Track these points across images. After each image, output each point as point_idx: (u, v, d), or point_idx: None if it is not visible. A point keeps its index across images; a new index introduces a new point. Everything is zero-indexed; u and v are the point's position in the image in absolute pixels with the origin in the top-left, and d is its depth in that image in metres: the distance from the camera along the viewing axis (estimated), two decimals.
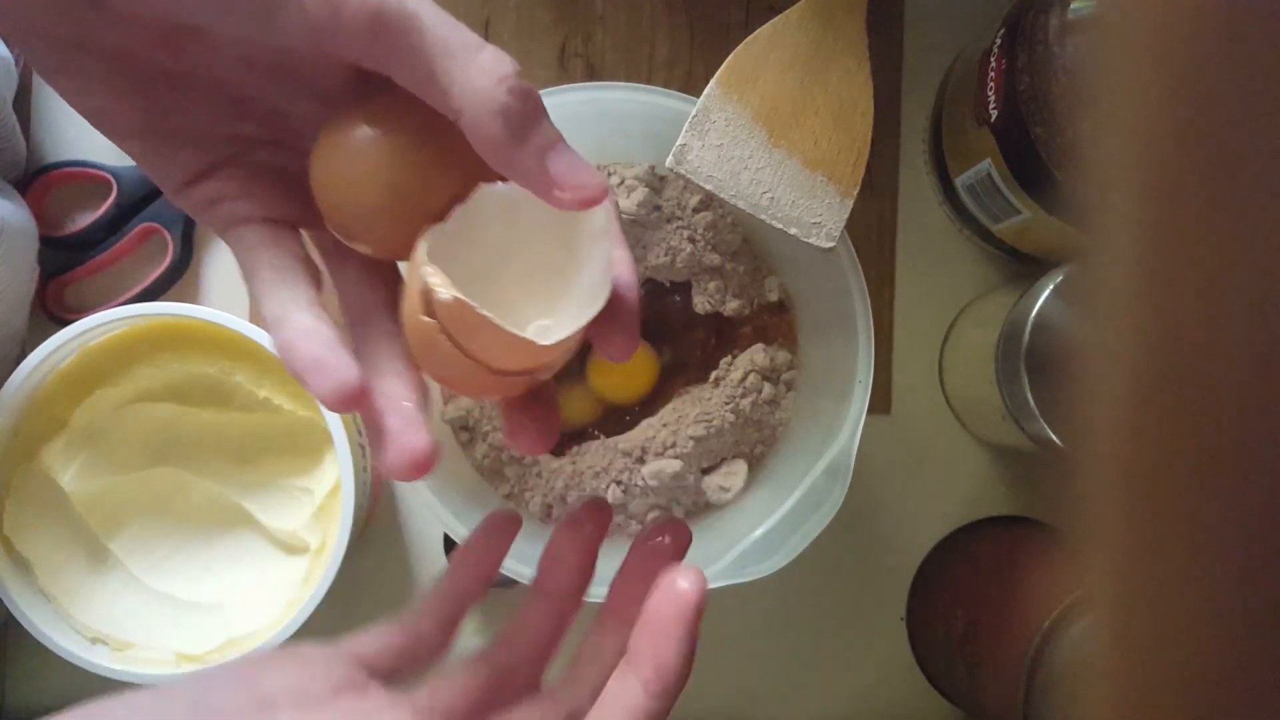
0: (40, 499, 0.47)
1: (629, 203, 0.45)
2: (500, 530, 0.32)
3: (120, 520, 0.48)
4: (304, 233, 0.29)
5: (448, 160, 0.26)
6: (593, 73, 0.53)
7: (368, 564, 0.53)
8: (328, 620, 0.45)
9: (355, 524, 0.45)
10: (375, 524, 0.53)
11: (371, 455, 0.48)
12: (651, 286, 0.47)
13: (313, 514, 0.48)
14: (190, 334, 0.47)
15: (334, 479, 0.47)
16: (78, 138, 0.53)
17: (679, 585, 0.27)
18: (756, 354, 0.47)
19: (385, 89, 0.26)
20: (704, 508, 0.47)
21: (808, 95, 0.43)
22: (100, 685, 0.41)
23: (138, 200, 0.52)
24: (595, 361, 0.48)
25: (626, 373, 0.48)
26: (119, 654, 0.46)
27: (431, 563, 0.53)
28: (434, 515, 0.41)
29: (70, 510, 0.47)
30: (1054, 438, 0.42)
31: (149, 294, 0.52)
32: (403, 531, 0.54)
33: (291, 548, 0.49)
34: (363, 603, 0.52)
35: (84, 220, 0.52)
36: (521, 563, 0.41)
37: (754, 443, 0.47)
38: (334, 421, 0.45)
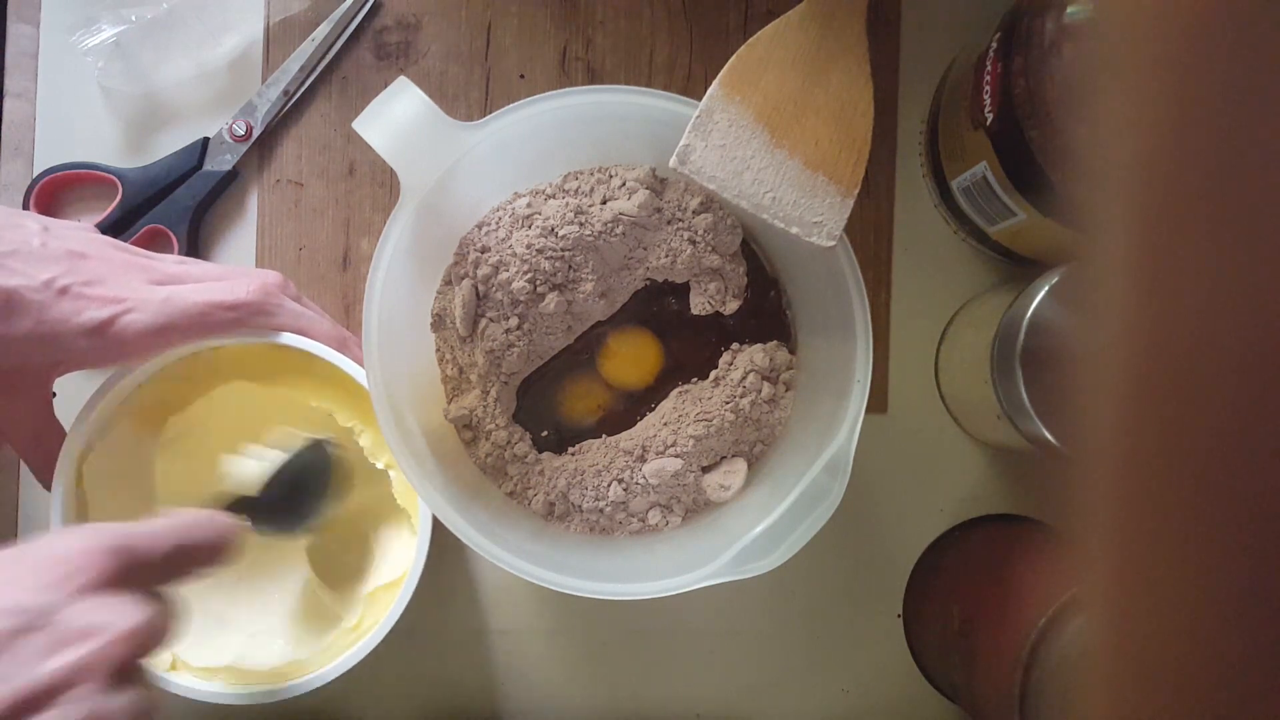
0: (127, 453, 0.47)
1: (630, 205, 0.45)
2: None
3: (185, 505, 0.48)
4: None
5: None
6: (593, 76, 0.54)
7: None
8: None
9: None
10: None
11: None
12: (652, 287, 0.48)
13: (361, 593, 0.48)
14: (342, 382, 0.46)
15: (395, 574, 0.47)
16: (83, 140, 0.53)
17: None
18: (756, 354, 0.47)
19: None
20: (704, 506, 0.47)
21: (808, 96, 0.44)
22: None
23: (144, 202, 0.52)
24: (605, 349, 0.48)
25: (635, 358, 0.48)
26: None
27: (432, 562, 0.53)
28: (437, 513, 0.41)
29: (147, 478, 0.47)
30: (1049, 437, 0.42)
31: None
32: None
33: (325, 610, 0.49)
34: None
35: (90, 222, 0.52)
36: (522, 560, 0.41)
37: (753, 441, 0.47)
38: (424, 524, 0.45)
